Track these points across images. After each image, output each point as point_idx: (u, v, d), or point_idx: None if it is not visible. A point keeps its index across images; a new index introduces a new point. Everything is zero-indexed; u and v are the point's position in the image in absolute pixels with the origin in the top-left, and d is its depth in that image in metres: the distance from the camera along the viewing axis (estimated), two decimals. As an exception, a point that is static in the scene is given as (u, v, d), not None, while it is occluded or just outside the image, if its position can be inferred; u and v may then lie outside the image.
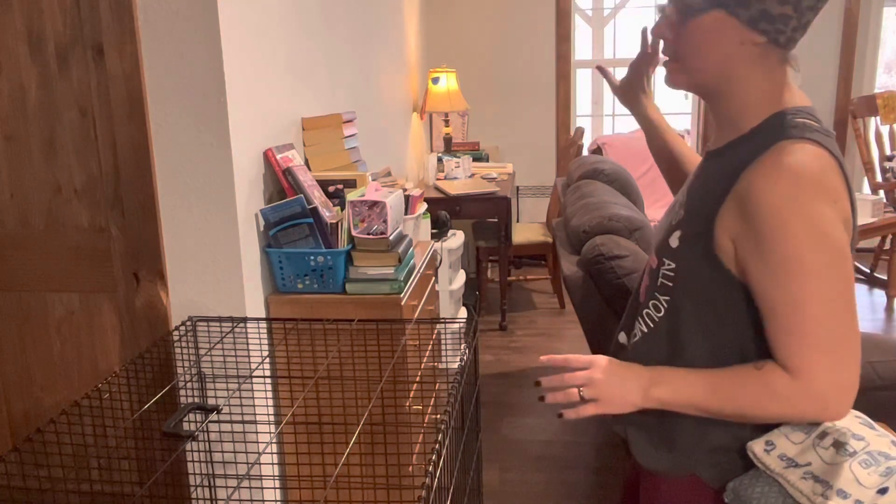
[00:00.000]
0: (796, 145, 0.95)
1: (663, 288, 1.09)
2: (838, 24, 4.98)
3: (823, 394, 0.96)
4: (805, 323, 0.94)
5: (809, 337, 0.94)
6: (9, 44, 1.87)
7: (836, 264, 0.94)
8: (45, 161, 1.93)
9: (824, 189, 0.94)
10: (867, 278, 4.81)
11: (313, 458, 1.92)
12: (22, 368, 2.07)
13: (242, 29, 1.87)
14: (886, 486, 1.17)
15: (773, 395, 0.97)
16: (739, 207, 0.97)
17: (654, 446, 1.14)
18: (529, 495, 2.55)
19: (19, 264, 2.00)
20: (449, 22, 5.16)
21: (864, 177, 4.91)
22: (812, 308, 0.94)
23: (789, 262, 0.93)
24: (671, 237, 1.08)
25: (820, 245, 0.93)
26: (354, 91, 2.96)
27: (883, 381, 2.25)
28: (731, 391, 1.00)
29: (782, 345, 0.97)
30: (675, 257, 1.07)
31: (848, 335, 0.95)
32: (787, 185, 0.92)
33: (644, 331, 1.14)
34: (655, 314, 1.12)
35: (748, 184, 0.96)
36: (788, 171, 0.93)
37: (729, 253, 1.00)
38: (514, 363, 3.70)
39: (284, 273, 1.94)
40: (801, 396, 0.97)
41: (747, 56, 1.02)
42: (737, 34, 1.00)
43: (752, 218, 0.95)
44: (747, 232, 0.96)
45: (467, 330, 1.85)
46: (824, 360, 0.94)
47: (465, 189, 3.98)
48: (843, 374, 0.96)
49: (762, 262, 0.95)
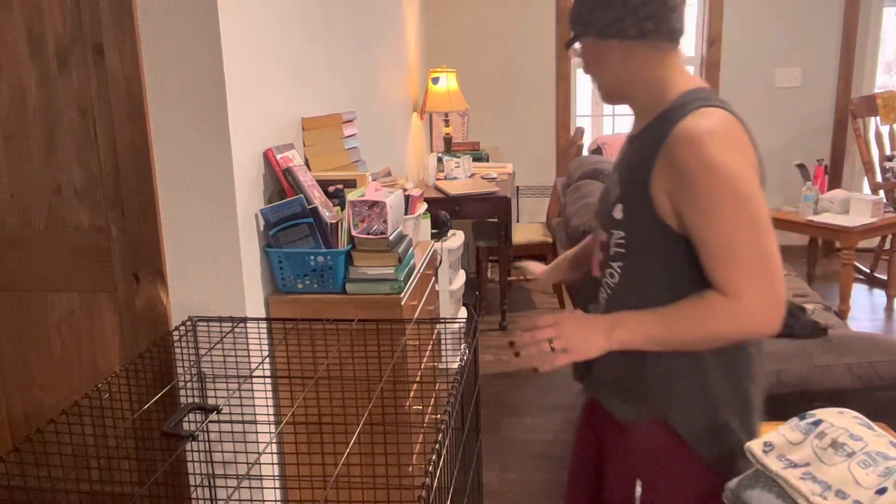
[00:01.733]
0: (707, 110, 1.14)
1: (616, 256, 1.25)
2: (838, 24, 4.99)
3: (756, 309, 1.10)
4: (734, 251, 1.10)
5: (739, 263, 1.10)
6: (9, 44, 1.87)
7: (753, 200, 1.10)
8: (45, 161, 1.93)
9: (735, 142, 1.12)
10: (867, 278, 4.82)
11: (313, 458, 1.92)
12: (22, 368, 2.07)
13: (242, 29, 1.87)
14: (885, 486, 1.17)
15: (715, 316, 1.12)
16: (668, 165, 1.13)
17: (626, 400, 1.27)
18: (529, 495, 2.55)
19: (19, 264, 2.00)
20: (449, 22, 5.16)
21: (864, 177, 4.91)
22: (738, 238, 1.09)
23: (715, 202, 1.09)
24: (614, 211, 1.23)
25: (738, 186, 1.09)
26: (354, 91, 2.96)
27: (883, 382, 2.25)
28: (681, 321, 1.14)
29: (718, 273, 1.12)
30: (621, 226, 1.22)
31: (770, 258, 1.10)
32: (705, 139, 1.10)
33: (606, 297, 1.29)
34: (612, 281, 1.27)
35: (672, 145, 1.12)
36: (705, 129, 1.10)
37: (667, 209, 1.16)
38: (514, 363, 3.70)
39: (284, 273, 1.94)
40: (738, 313, 1.10)
41: (633, 59, 1.21)
42: (612, 47, 1.21)
43: (680, 171, 1.11)
44: (678, 183, 1.12)
45: (467, 330, 1.85)
46: (753, 280, 1.09)
47: (465, 189, 3.99)
48: (770, 291, 1.10)
49: (693, 206, 1.11)
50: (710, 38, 5.09)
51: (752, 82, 5.14)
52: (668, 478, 1.24)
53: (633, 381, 1.25)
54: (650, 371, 1.22)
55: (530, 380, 3.48)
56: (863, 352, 2.28)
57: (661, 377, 1.22)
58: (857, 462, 1.22)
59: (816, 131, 5.18)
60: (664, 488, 1.25)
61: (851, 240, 3.89)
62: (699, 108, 1.14)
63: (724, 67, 5.12)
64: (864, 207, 4.01)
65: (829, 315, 2.93)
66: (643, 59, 1.21)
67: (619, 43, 1.20)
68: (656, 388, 1.23)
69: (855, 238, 3.90)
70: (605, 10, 1.18)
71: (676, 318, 1.15)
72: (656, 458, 1.25)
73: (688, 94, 1.20)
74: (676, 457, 1.23)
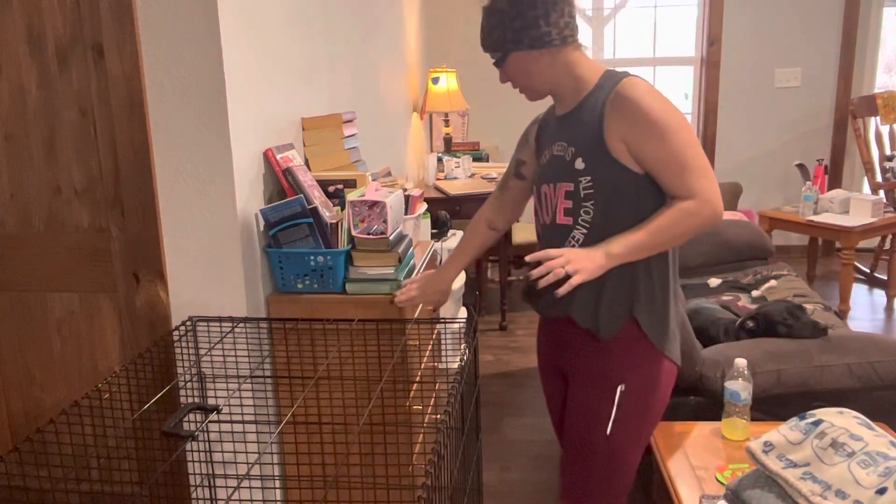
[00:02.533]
0: (632, 76, 1.51)
1: (588, 196, 1.53)
2: (838, 24, 4.99)
3: (712, 201, 1.45)
4: (687, 163, 1.45)
5: (693, 171, 1.46)
6: (9, 44, 1.87)
7: (688, 125, 1.48)
8: (45, 161, 1.93)
9: (659, 91, 1.50)
10: (867, 278, 4.82)
11: (313, 458, 1.92)
12: (22, 368, 2.07)
13: (242, 29, 1.87)
14: (885, 486, 1.17)
15: (686, 214, 1.46)
16: (619, 115, 1.47)
17: (600, 314, 1.56)
18: (529, 495, 2.55)
19: (19, 264, 2.00)
20: (449, 22, 5.16)
21: (864, 177, 4.91)
22: (688, 152, 1.46)
23: (665, 129, 1.45)
24: (575, 164, 1.53)
25: (676, 115, 1.47)
26: (354, 91, 2.96)
27: (883, 382, 2.25)
28: (660, 226, 1.47)
29: (679, 183, 1.46)
30: (586, 173, 1.52)
31: (709, 165, 1.48)
32: (644, 88, 1.48)
33: (584, 231, 1.55)
34: (587, 217, 1.54)
35: (619, 101, 1.47)
36: (640, 83, 1.49)
37: (623, 152, 1.48)
38: (514, 363, 3.70)
39: (284, 273, 1.94)
40: (701, 207, 1.45)
41: (559, 60, 1.55)
42: (542, 55, 1.54)
43: (631, 115, 1.46)
44: (631, 126, 1.46)
45: (467, 330, 1.85)
46: (704, 181, 1.46)
47: (465, 189, 3.99)
48: (716, 188, 1.47)
49: (649, 138, 1.45)
50: (710, 38, 5.09)
51: (752, 82, 5.14)
52: (642, 373, 1.57)
53: (600, 300, 1.55)
54: (618, 281, 1.54)
55: (530, 380, 3.48)
56: (863, 352, 2.28)
57: (627, 282, 1.54)
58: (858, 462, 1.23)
59: (816, 131, 5.18)
60: (639, 382, 1.57)
61: (851, 240, 3.89)
62: (624, 77, 1.51)
63: (724, 67, 5.12)
64: (864, 207, 4.01)
65: (829, 315, 2.93)
66: (567, 57, 1.55)
67: (549, 51, 1.53)
68: (623, 291, 1.54)
69: (855, 238, 3.90)
70: (532, 27, 1.50)
71: (657, 226, 1.47)
72: (632, 359, 1.57)
73: (606, 73, 1.56)
74: (644, 352, 1.57)
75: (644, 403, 1.59)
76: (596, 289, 1.55)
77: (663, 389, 1.61)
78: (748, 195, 5.17)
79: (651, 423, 1.63)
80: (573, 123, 1.57)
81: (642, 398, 1.59)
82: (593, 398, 1.60)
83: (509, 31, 1.52)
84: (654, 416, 1.62)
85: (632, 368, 1.57)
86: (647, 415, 1.60)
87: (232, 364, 1.90)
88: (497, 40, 1.55)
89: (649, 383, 1.59)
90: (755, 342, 2.36)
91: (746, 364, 2.01)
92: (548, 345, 1.77)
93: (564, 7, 1.52)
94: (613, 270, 1.52)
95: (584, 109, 1.55)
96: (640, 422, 1.60)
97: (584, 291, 1.56)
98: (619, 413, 1.57)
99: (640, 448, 1.63)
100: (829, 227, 4.00)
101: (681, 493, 1.76)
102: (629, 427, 1.59)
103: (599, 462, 1.61)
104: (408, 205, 2.27)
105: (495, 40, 1.56)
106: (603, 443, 1.59)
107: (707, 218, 1.46)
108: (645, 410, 1.60)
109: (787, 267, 3.51)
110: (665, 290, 1.58)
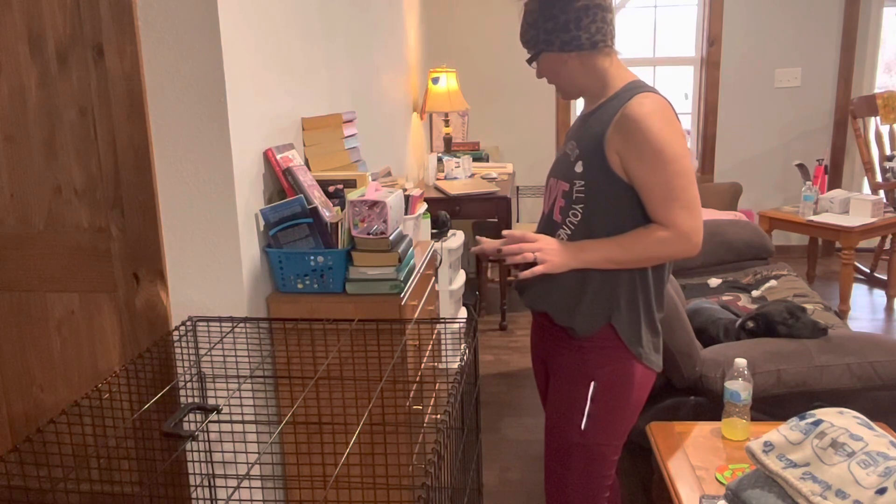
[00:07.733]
0: (648, 93, 1.53)
1: (578, 199, 1.57)
2: (838, 24, 4.98)
3: (689, 234, 1.49)
4: (674, 193, 1.48)
5: (677, 201, 1.48)
6: (9, 44, 1.87)
7: (685, 155, 1.49)
8: (45, 161, 1.93)
9: (667, 117, 1.50)
10: (867, 278, 4.82)
11: (313, 458, 1.92)
12: (22, 368, 2.07)
13: (242, 29, 1.87)
14: (885, 486, 1.17)
15: (658, 241, 1.50)
16: (620, 131, 1.50)
17: (577, 312, 1.59)
18: (529, 495, 2.55)
19: (19, 264, 2.00)
20: (449, 22, 5.16)
21: (864, 177, 4.91)
22: (676, 182, 1.47)
23: (658, 155, 1.47)
24: (576, 166, 1.57)
25: (674, 143, 1.48)
26: (354, 91, 2.96)
27: (883, 382, 2.25)
28: (632, 245, 1.51)
29: (661, 210, 1.49)
30: (582, 177, 1.56)
31: (697, 201, 1.50)
32: (649, 109, 1.48)
33: (568, 233, 1.59)
34: (574, 219, 1.58)
35: (623, 120, 1.49)
36: (648, 104, 1.50)
37: (617, 163, 1.52)
38: (514, 363, 3.70)
39: (284, 273, 1.94)
40: (675, 239, 1.49)
41: (588, 64, 1.58)
42: (571, 58, 1.58)
43: (631, 134, 1.48)
44: (628, 143, 1.49)
45: (467, 330, 1.85)
46: (685, 214, 1.48)
47: (465, 189, 3.99)
48: (698, 225, 1.50)
49: (640, 160, 1.48)
50: (710, 38, 5.09)
51: (752, 82, 5.14)
52: (614, 372, 1.60)
53: (581, 299, 1.58)
54: (600, 286, 1.57)
55: (530, 379, 3.48)
56: (863, 352, 2.28)
57: (609, 289, 1.57)
58: (858, 462, 1.23)
59: (816, 131, 5.18)
60: (611, 381, 1.61)
61: (851, 240, 3.89)
62: (639, 93, 1.52)
63: (724, 67, 5.12)
64: (864, 207, 4.01)
65: (829, 315, 2.93)
66: (596, 62, 1.59)
67: (578, 54, 1.57)
68: (604, 296, 1.57)
69: (855, 238, 3.90)
70: (563, 31, 1.54)
71: (629, 244, 1.51)
72: (605, 359, 1.60)
73: (631, 83, 1.58)
74: (617, 354, 1.59)
75: (617, 402, 1.62)
76: (577, 290, 1.58)
77: (637, 391, 1.63)
78: (748, 195, 5.17)
79: (626, 422, 1.65)
80: (586, 127, 1.60)
81: (616, 396, 1.62)
82: (567, 392, 1.65)
83: (542, 31, 1.57)
84: (629, 414, 1.65)
85: (604, 366, 1.61)
86: (620, 413, 1.63)
87: (232, 364, 1.90)
88: (531, 39, 1.60)
89: (622, 383, 1.61)
90: (755, 342, 2.36)
91: (746, 364, 2.01)
92: (535, 337, 1.81)
93: (598, 12, 1.54)
94: (597, 275, 1.56)
95: (598, 115, 1.58)
96: (612, 419, 1.63)
97: (565, 291, 1.60)
98: (592, 408, 1.61)
99: (615, 445, 1.66)
100: (829, 227, 4.00)
101: (681, 493, 1.76)
102: (603, 423, 1.62)
103: (576, 455, 1.65)
104: (408, 205, 2.27)
105: (529, 38, 1.60)
106: (578, 437, 1.63)
107: (679, 251, 1.50)
108: (617, 408, 1.62)
109: (787, 267, 3.51)
110: (647, 300, 1.60)
